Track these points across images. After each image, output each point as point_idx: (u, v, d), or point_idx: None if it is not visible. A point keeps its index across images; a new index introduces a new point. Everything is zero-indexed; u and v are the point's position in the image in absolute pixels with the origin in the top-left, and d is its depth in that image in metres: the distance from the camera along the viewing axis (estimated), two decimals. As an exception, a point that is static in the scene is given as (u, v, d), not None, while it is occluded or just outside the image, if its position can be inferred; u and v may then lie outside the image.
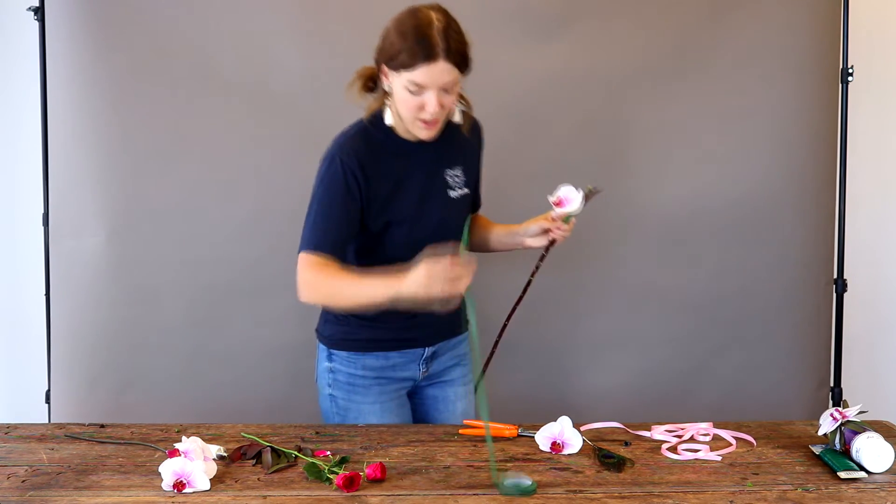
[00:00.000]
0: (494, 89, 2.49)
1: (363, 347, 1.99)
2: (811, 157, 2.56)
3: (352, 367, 2.00)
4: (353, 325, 1.99)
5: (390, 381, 2.01)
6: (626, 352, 2.56)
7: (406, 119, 1.84)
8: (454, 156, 1.99)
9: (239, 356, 2.49)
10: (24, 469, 1.64)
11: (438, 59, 1.74)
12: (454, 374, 2.11)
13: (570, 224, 1.96)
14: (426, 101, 1.78)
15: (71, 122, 2.46)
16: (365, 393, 1.99)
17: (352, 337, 2.00)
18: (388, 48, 1.79)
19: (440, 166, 1.96)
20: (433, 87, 1.77)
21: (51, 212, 2.50)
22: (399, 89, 1.80)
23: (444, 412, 2.09)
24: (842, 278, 2.64)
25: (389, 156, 1.90)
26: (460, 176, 1.99)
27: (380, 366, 2.00)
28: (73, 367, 2.51)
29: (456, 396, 2.11)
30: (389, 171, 1.89)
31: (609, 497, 1.50)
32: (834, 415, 1.68)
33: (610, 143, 2.52)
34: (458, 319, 2.10)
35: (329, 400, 2.03)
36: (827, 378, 2.63)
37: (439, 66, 1.75)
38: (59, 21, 2.44)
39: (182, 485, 1.52)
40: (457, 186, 1.98)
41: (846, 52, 2.57)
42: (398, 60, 1.76)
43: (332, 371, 2.01)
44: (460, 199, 1.98)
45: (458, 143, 2.01)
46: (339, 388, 2.01)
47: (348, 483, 1.51)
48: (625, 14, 2.50)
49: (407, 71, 1.76)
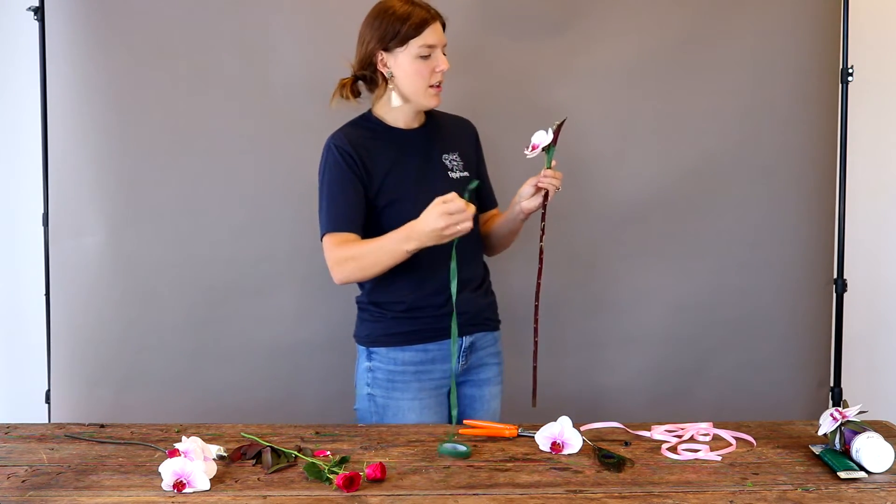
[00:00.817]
0: (495, 89, 2.50)
1: (401, 341, 2.02)
2: (811, 156, 2.56)
3: (391, 363, 2.03)
4: (388, 319, 2.03)
5: (430, 376, 2.03)
6: (626, 352, 2.56)
7: (419, 90, 1.98)
8: (448, 142, 2.08)
9: (239, 356, 2.49)
10: (24, 469, 1.64)
11: (436, 19, 1.97)
12: (490, 372, 2.14)
13: (554, 168, 1.95)
14: (437, 61, 1.96)
15: (71, 122, 2.46)
16: (405, 389, 2.02)
17: (389, 332, 2.03)
18: (387, 31, 1.95)
19: (435, 151, 2.05)
20: (440, 44, 1.97)
21: (51, 212, 2.50)
22: (408, 62, 1.95)
23: (480, 411, 2.13)
24: (842, 278, 2.64)
25: (381, 141, 2.01)
26: (458, 160, 2.08)
27: (419, 360, 2.02)
28: (73, 367, 2.51)
29: (491, 396, 2.14)
30: (383, 153, 1.99)
31: (609, 497, 1.50)
32: (834, 415, 1.68)
33: (610, 142, 2.52)
34: (492, 314, 2.15)
35: (367, 399, 2.05)
36: (827, 378, 2.63)
37: (438, 26, 1.97)
38: (59, 21, 2.44)
39: (182, 485, 1.52)
40: (456, 169, 2.06)
41: (846, 52, 2.57)
42: (404, 33, 1.93)
43: (372, 370, 2.04)
44: (461, 180, 2.05)
45: (449, 131, 2.10)
46: (379, 385, 2.03)
47: (348, 483, 1.51)
48: (625, 14, 2.50)
49: (416, 38, 1.93)
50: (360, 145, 1.98)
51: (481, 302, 2.11)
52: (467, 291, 2.05)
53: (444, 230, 1.80)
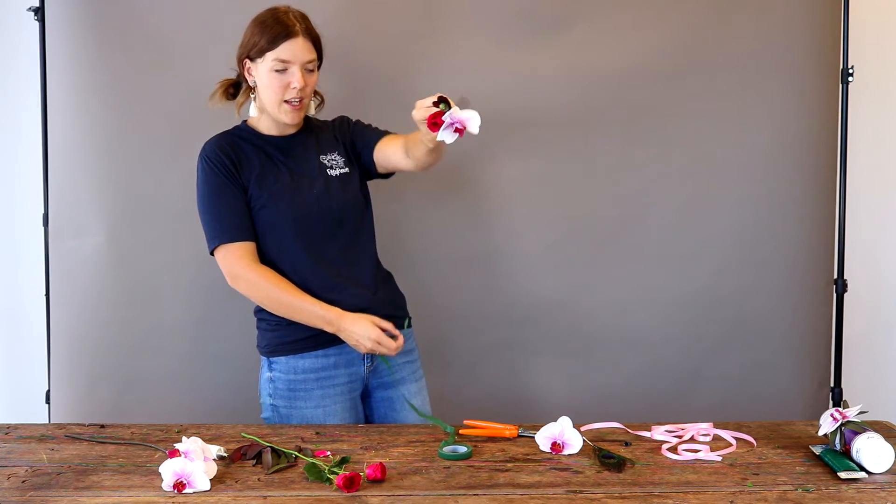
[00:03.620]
0: (495, 89, 2.49)
1: (300, 349, 2.00)
2: (811, 157, 2.55)
3: (291, 372, 2.00)
4: (284, 327, 2.01)
5: (334, 382, 2.01)
6: (626, 352, 2.56)
7: (272, 104, 1.97)
8: (325, 144, 2.08)
9: (239, 356, 2.48)
10: (24, 469, 1.64)
11: (298, 35, 1.93)
12: (403, 371, 2.11)
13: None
14: (291, 78, 1.94)
15: (71, 122, 2.46)
16: (307, 397, 1.99)
17: (287, 340, 2.01)
18: (250, 39, 1.97)
19: (311, 153, 2.05)
20: (297, 62, 1.93)
21: (51, 212, 2.50)
22: (264, 75, 1.96)
23: (401, 411, 2.09)
24: (842, 278, 2.64)
25: (251, 146, 2.02)
26: (337, 159, 2.07)
27: (319, 366, 2.00)
28: (73, 367, 2.51)
29: (410, 394, 2.10)
30: (254, 158, 2.00)
31: (609, 497, 1.50)
32: (834, 415, 1.68)
33: (609, 142, 2.52)
34: (395, 311, 2.10)
35: (270, 410, 2.03)
36: (827, 378, 2.63)
37: (299, 42, 1.93)
38: (59, 21, 2.44)
39: (182, 485, 1.52)
40: (336, 167, 2.05)
41: (846, 52, 2.57)
42: (261, 45, 1.94)
43: (273, 380, 2.02)
44: (340, 176, 2.04)
45: (326, 135, 2.10)
46: (280, 396, 2.01)
47: (348, 483, 1.51)
48: (625, 15, 2.49)
49: (272, 51, 1.93)
50: (230, 152, 1.99)
51: (378, 299, 2.05)
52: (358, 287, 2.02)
53: (364, 349, 1.95)
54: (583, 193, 2.52)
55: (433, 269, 2.51)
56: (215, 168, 1.97)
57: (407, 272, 2.28)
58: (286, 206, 1.96)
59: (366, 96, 2.42)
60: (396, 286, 2.16)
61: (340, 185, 2.03)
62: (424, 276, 2.48)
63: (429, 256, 2.51)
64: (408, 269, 2.32)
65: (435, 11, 2.47)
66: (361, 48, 2.44)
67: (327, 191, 2.00)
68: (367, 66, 2.44)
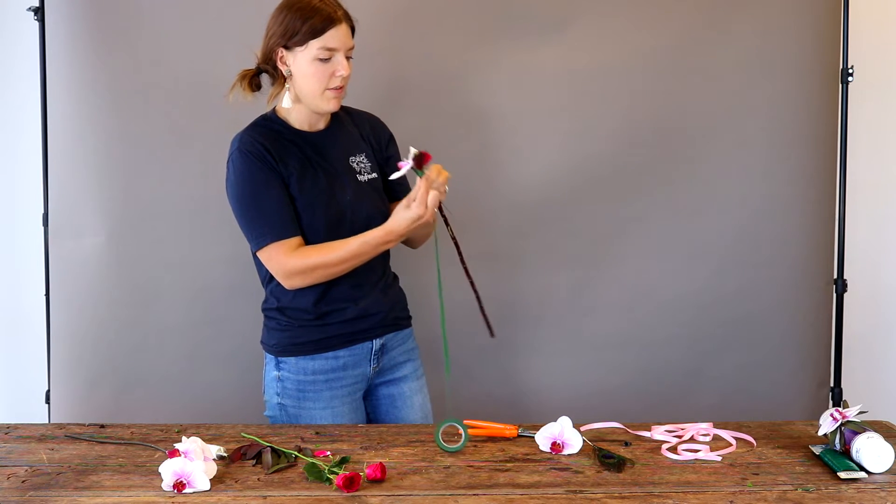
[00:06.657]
0: (495, 89, 2.49)
1: (311, 350, 1.99)
2: (811, 157, 2.55)
3: (301, 373, 1.99)
4: (295, 328, 1.99)
5: (342, 383, 2.01)
6: (626, 352, 2.56)
7: (314, 93, 1.90)
8: (354, 144, 2.03)
9: (239, 356, 2.48)
10: (24, 469, 1.64)
11: (342, 22, 1.87)
12: (406, 369, 2.11)
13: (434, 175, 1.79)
14: (337, 66, 1.87)
15: (71, 122, 2.46)
16: (316, 398, 1.99)
17: (298, 341, 1.99)
18: (288, 28, 1.86)
19: (342, 155, 1.99)
20: (342, 48, 1.87)
21: (51, 212, 2.50)
22: (306, 64, 1.87)
23: (403, 409, 2.10)
24: (842, 278, 2.64)
25: (288, 143, 1.95)
26: (365, 162, 2.02)
27: (329, 367, 1.99)
28: (73, 367, 2.51)
29: (411, 391, 2.11)
30: (293, 158, 1.93)
31: (609, 497, 1.50)
32: (834, 415, 1.68)
33: (609, 142, 2.52)
34: (401, 312, 2.11)
35: (278, 409, 2.02)
36: (827, 378, 2.63)
37: (343, 29, 1.87)
38: (59, 21, 2.44)
39: (182, 485, 1.52)
40: (364, 172, 2.01)
41: (846, 52, 2.57)
42: (304, 32, 1.85)
43: (281, 380, 2.01)
44: (368, 182, 2.01)
45: (355, 131, 2.05)
46: (289, 395, 2.00)
47: (348, 483, 1.51)
48: (625, 14, 2.49)
49: (317, 39, 1.85)
50: (271, 146, 1.91)
51: (388, 301, 2.06)
52: (371, 288, 2.02)
53: (430, 214, 1.80)
54: (583, 193, 2.51)
55: (433, 268, 2.51)
56: (257, 161, 1.88)
57: (407, 272, 2.28)
58: (323, 212, 1.92)
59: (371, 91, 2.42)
60: (401, 287, 2.17)
61: (370, 191, 2.00)
62: (424, 276, 2.47)
63: (429, 256, 2.50)
64: (408, 270, 2.32)
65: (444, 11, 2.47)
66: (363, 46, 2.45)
67: (359, 198, 1.97)
68: (375, 65, 2.45)
